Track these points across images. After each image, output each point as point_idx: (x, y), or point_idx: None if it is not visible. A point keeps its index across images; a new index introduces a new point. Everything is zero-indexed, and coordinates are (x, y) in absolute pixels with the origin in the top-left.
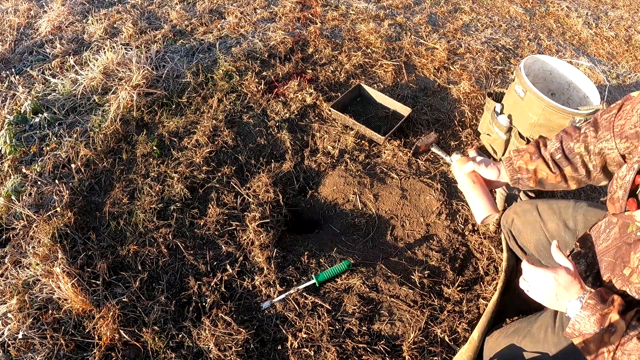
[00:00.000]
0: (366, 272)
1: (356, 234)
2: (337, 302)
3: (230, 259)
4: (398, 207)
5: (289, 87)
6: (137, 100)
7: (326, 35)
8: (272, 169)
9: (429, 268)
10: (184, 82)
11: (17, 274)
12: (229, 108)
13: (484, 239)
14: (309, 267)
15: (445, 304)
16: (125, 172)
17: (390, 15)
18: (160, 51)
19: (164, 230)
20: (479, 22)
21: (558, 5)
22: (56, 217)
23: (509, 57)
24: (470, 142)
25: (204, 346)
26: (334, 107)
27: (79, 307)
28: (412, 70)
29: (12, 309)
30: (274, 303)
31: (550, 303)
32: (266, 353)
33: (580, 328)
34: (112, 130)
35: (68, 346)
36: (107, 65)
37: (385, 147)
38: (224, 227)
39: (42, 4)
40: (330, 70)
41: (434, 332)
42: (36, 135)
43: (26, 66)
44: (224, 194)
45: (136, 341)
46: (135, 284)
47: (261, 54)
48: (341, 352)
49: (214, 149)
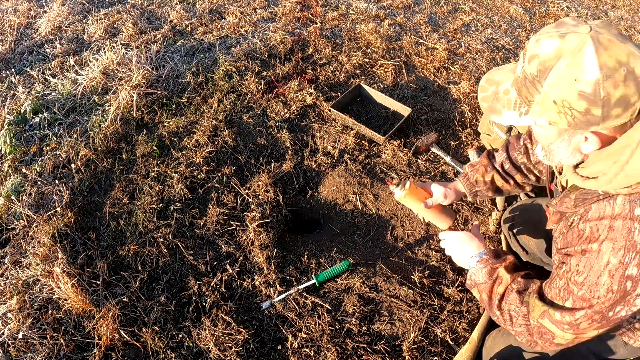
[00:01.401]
0: (366, 272)
1: (356, 234)
2: (337, 302)
3: (230, 259)
4: (398, 207)
5: (289, 87)
6: (137, 100)
7: (326, 35)
8: (272, 169)
9: (429, 268)
10: (184, 82)
11: (17, 274)
12: (229, 108)
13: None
14: (309, 267)
15: (445, 304)
16: (125, 172)
17: (390, 15)
18: (160, 51)
19: (164, 230)
20: (479, 22)
21: (558, 5)
22: (56, 217)
23: (509, 57)
24: (470, 142)
25: (204, 346)
26: (334, 107)
27: (79, 307)
28: (412, 70)
29: (12, 309)
30: (274, 303)
31: (460, 260)
32: (266, 353)
33: (475, 279)
34: (112, 130)
35: (68, 346)
36: (107, 65)
37: (385, 147)
38: (224, 227)
39: (42, 4)
40: (330, 70)
41: (434, 332)
42: (36, 135)
43: (26, 66)
44: (224, 194)
45: (136, 341)
46: (135, 284)
47: (261, 54)
48: (341, 352)
49: (214, 149)
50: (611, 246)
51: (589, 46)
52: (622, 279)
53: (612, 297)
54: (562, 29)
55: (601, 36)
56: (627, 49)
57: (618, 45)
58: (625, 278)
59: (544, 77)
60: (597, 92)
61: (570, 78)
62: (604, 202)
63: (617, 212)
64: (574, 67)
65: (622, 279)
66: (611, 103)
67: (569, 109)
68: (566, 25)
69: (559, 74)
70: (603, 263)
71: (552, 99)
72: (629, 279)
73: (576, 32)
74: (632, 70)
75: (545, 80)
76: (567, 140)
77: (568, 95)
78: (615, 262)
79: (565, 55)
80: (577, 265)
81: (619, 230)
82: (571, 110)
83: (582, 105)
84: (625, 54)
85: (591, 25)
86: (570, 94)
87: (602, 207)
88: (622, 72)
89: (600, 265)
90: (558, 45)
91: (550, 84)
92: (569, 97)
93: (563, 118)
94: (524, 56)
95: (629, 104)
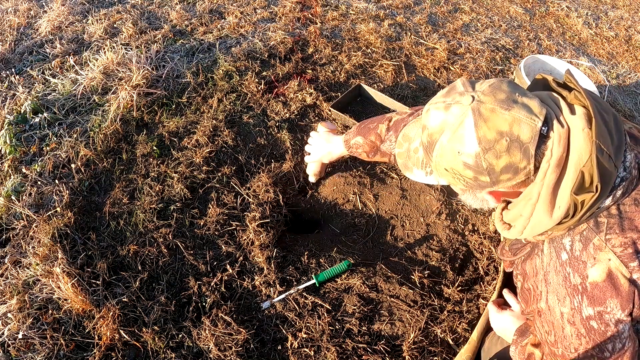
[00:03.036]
0: (366, 272)
1: (356, 234)
2: (337, 302)
3: (230, 259)
4: (398, 207)
5: (289, 87)
6: (137, 100)
7: (326, 35)
8: (272, 169)
9: (429, 268)
10: (184, 82)
11: (17, 274)
12: (229, 108)
13: (484, 239)
14: (309, 267)
15: (445, 304)
16: (125, 172)
17: (390, 15)
18: (160, 51)
19: (164, 230)
20: (479, 22)
21: (558, 5)
22: (56, 217)
23: (509, 57)
24: None
25: (204, 346)
26: (334, 107)
27: (79, 307)
28: (412, 70)
29: (12, 309)
30: (274, 303)
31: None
32: (266, 353)
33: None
34: (112, 130)
35: (68, 346)
36: (107, 65)
37: None
38: (224, 227)
39: (42, 4)
40: (330, 70)
41: (434, 332)
42: (36, 135)
43: (26, 66)
44: (224, 194)
45: (136, 341)
46: (135, 284)
47: (261, 54)
48: (341, 352)
49: (214, 149)
50: (556, 298)
51: (469, 119)
52: (584, 322)
53: (589, 340)
54: (449, 98)
55: (482, 106)
56: (511, 116)
57: (500, 115)
58: (586, 320)
59: (431, 148)
60: (479, 164)
61: (453, 151)
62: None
63: (547, 263)
64: (455, 141)
65: (583, 322)
66: (496, 172)
67: (460, 175)
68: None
69: (442, 147)
70: (558, 317)
71: (443, 166)
72: (590, 319)
73: (459, 103)
74: (517, 138)
75: (433, 151)
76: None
77: (454, 165)
78: (567, 311)
79: (447, 129)
80: (543, 327)
81: (555, 282)
82: (462, 176)
83: (469, 173)
84: (507, 123)
85: (474, 94)
86: (456, 164)
87: (533, 262)
88: (503, 143)
89: (557, 319)
90: (442, 119)
91: (437, 155)
92: (456, 167)
93: (458, 182)
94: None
95: (518, 169)
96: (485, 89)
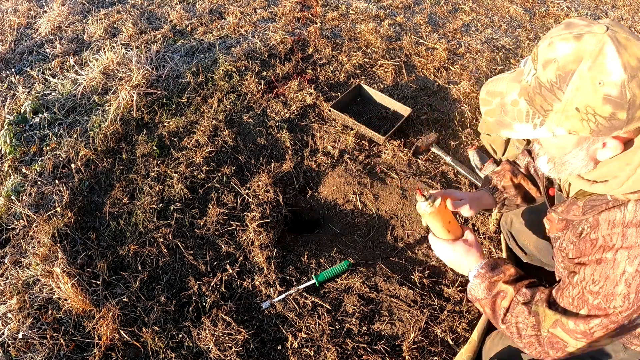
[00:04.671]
0: (366, 272)
1: (356, 234)
2: (337, 302)
3: (230, 259)
4: (398, 207)
5: (289, 87)
6: (137, 100)
7: (326, 35)
8: (272, 169)
9: (429, 268)
10: (184, 82)
11: (17, 274)
12: (229, 108)
13: (484, 239)
14: (309, 267)
15: (445, 304)
16: (125, 172)
17: (390, 15)
18: (160, 51)
19: (164, 230)
20: (479, 22)
21: (558, 5)
22: (56, 217)
23: (509, 57)
24: (470, 142)
25: (204, 346)
26: (334, 107)
27: (79, 307)
28: (412, 70)
29: (12, 309)
30: (274, 303)
31: (458, 270)
32: (266, 353)
33: (474, 294)
34: (112, 130)
35: (68, 346)
36: (107, 65)
37: (385, 147)
38: (224, 227)
39: (42, 4)
40: (330, 70)
41: (434, 332)
42: (36, 135)
43: (26, 66)
44: (224, 194)
45: (136, 341)
46: (135, 284)
47: (261, 54)
48: (341, 352)
49: (214, 149)
50: (626, 254)
51: (610, 46)
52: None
53: (629, 306)
54: (575, 30)
55: (618, 35)
56: None
57: (636, 43)
58: None
59: (565, 82)
60: (624, 94)
61: (594, 82)
62: (613, 210)
63: (629, 220)
64: (597, 69)
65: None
66: (636, 105)
67: (593, 115)
68: (578, 26)
69: (582, 77)
70: (619, 272)
71: (575, 105)
72: None
73: (592, 33)
74: None
75: (566, 86)
76: (585, 149)
77: (592, 100)
78: (631, 271)
79: (587, 57)
80: (592, 275)
81: (632, 239)
82: (595, 116)
83: (607, 110)
84: None
85: (606, 24)
86: (594, 99)
87: (612, 215)
88: None
89: (617, 275)
90: (576, 47)
91: (573, 89)
92: (594, 103)
93: (586, 125)
94: (535, 62)
95: None
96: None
